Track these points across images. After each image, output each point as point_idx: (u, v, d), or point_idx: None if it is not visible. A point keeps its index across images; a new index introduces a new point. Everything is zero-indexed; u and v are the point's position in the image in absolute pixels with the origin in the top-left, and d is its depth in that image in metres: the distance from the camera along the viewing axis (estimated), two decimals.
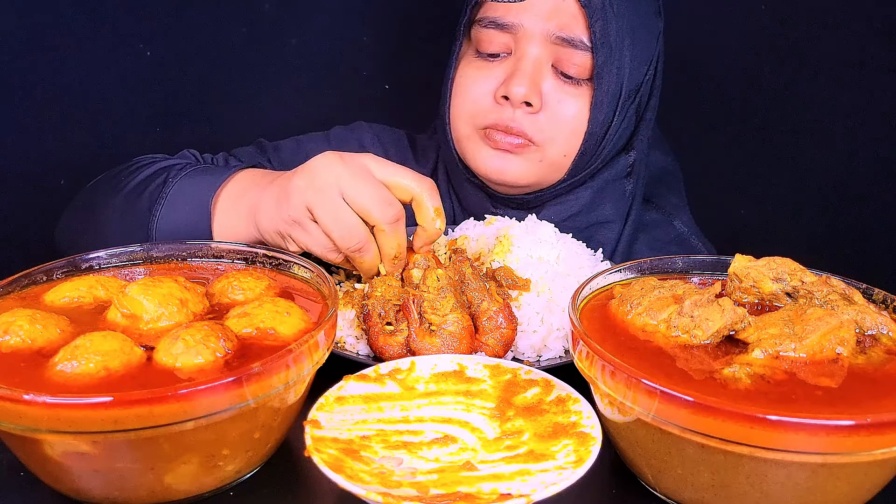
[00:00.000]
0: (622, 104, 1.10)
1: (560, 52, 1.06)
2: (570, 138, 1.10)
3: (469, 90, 1.12)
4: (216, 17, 1.50)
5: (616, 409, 0.65)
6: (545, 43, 1.06)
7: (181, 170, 1.03)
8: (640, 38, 1.09)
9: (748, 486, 0.60)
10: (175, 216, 0.99)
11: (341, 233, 0.87)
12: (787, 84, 1.56)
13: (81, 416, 0.55)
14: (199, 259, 0.86)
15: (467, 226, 1.08)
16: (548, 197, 1.17)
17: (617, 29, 1.05)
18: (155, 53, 1.47)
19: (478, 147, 1.13)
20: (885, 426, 0.55)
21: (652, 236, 1.23)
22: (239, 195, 0.98)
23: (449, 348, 0.84)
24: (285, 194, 0.89)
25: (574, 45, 1.05)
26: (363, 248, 0.88)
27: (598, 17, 1.04)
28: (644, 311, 0.73)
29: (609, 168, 1.17)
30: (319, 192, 0.86)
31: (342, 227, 0.86)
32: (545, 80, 1.08)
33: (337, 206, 0.86)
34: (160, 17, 1.46)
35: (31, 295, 0.76)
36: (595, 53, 1.05)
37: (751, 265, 0.78)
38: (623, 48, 1.07)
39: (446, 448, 0.65)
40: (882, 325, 0.71)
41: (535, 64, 1.07)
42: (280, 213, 0.89)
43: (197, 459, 0.61)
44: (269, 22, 1.52)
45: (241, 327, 0.69)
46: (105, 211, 1.06)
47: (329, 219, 0.86)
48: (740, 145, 1.64)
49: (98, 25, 1.42)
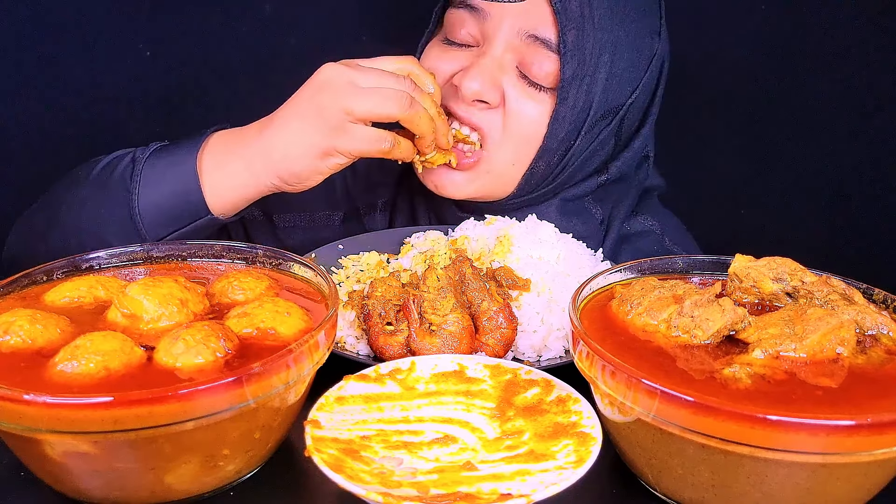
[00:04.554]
0: (591, 123, 1.04)
1: (527, 53, 1.01)
2: (520, 146, 1.05)
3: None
4: (216, 17, 1.50)
5: (616, 409, 0.65)
6: (514, 39, 1.02)
7: (147, 149, 1.00)
8: (623, 56, 1.03)
9: (748, 486, 0.60)
10: (158, 192, 0.96)
11: (394, 94, 0.92)
12: (787, 85, 1.57)
13: (81, 416, 0.55)
14: (199, 259, 0.86)
15: (467, 226, 1.08)
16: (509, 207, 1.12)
17: (594, 42, 1.00)
18: (155, 53, 1.47)
19: None
20: (885, 426, 0.55)
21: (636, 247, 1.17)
22: (224, 152, 0.97)
23: (449, 348, 0.84)
24: (313, 115, 0.92)
25: (545, 44, 1.00)
26: (414, 104, 0.93)
27: (572, 26, 0.99)
28: (644, 311, 0.73)
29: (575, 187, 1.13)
30: (345, 86, 0.91)
31: (394, 88, 0.92)
32: (506, 78, 1.03)
33: (372, 78, 0.91)
34: (160, 17, 1.46)
35: (32, 295, 0.76)
36: (563, 62, 0.99)
37: (751, 265, 0.78)
38: (599, 64, 1.01)
39: (446, 448, 0.65)
40: (882, 325, 0.71)
41: (499, 62, 1.02)
42: (317, 132, 0.92)
43: (197, 459, 0.61)
44: (269, 22, 1.52)
45: (241, 327, 0.69)
46: (71, 207, 1.00)
47: (375, 88, 0.91)
48: (740, 146, 1.64)
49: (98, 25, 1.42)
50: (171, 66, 1.49)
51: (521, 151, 1.06)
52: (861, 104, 1.52)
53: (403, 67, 0.97)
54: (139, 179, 0.96)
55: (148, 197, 0.96)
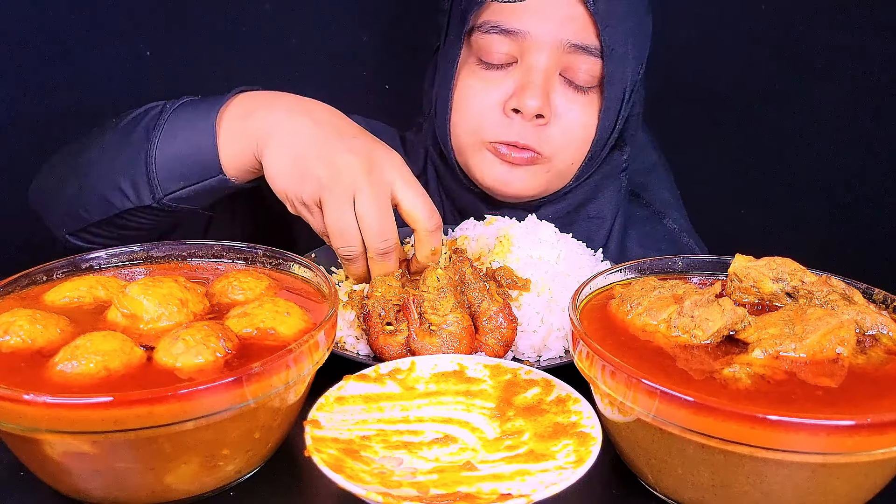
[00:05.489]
0: (625, 106, 1.10)
1: (570, 61, 1.04)
2: (578, 147, 1.10)
3: (473, 102, 1.08)
4: (216, 16, 1.50)
5: (616, 409, 0.65)
6: (555, 51, 1.03)
7: (177, 101, 0.99)
8: (639, 39, 1.08)
9: (748, 486, 0.60)
10: (176, 144, 0.95)
11: (339, 241, 0.88)
12: (787, 85, 1.57)
13: (81, 416, 0.55)
14: (199, 259, 0.86)
15: (467, 226, 1.08)
16: (548, 199, 1.17)
17: (623, 33, 1.04)
18: (155, 53, 1.47)
19: (483, 159, 1.11)
20: (885, 426, 0.55)
21: (643, 232, 1.23)
22: (244, 116, 0.94)
23: (449, 348, 0.84)
24: (302, 172, 0.88)
25: (588, 52, 1.03)
26: (353, 260, 0.90)
27: (608, 24, 1.02)
28: (644, 311, 0.73)
29: (605, 165, 1.17)
30: (334, 194, 0.86)
31: (342, 237, 0.88)
32: (554, 90, 1.06)
33: (346, 217, 0.87)
34: (160, 17, 1.46)
35: (31, 295, 0.76)
36: (605, 60, 1.04)
37: (751, 265, 0.78)
38: (627, 52, 1.06)
39: (446, 448, 0.65)
40: (882, 325, 0.71)
41: (546, 74, 1.04)
42: (291, 186, 0.89)
43: (197, 459, 0.61)
44: (269, 22, 1.52)
45: (241, 327, 0.69)
46: (92, 153, 1.00)
47: (332, 223, 0.87)
48: (740, 146, 1.64)
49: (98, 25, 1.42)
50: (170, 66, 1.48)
51: (579, 152, 1.10)
52: (862, 104, 1.52)
53: (419, 224, 0.91)
54: (161, 130, 0.95)
55: (165, 149, 0.95)
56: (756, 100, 1.60)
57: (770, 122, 1.60)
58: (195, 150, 0.94)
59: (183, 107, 0.97)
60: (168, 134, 0.95)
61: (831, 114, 1.54)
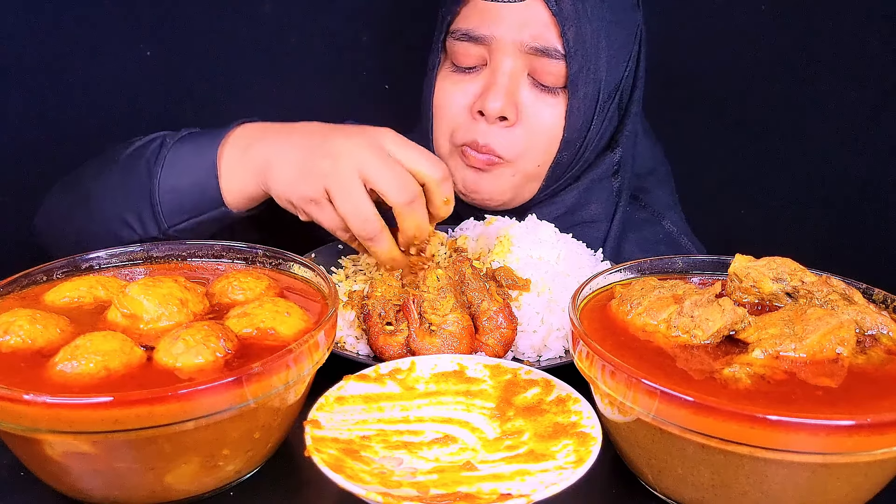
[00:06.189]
0: (601, 106, 1.09)
1: (535, 62, 1.04)
2: (544, 149, 1.08)
3: (446, 106, 1.10)
4: (216, 16, 1.50)
5: (616, 409, 0.65)
6: (519, 53, 1.04)
7: (177, 134, 1.01)
8: (616, 37, 1.07)
9: (748, 486, 0.60)
10: (178, 177, 0.97)
11: (357, 222, 0.88)
12: (787, 85, 1.56)
13: (81, 416, 0.55)
14: (199, 259, 0.86)
15: (467, 226, 1.08)
16: (534, 203, 1.16)
17: (591, 32, 1.03)
18: (155, 53, 1.47)
19: (455, 164, 1.12)
20: (885, 426, 0.55)
21: (641, 235, 1.22)
22: (245, 148, 0.96)
23: (449, 348, 0.84)
24: (305, 172, 0.90)
25: (548, 54, 1.03)
26: (376, 238, 0.90)
27: (571, 24, 1.01)
28: (644, 311, 0.73)
29: (594, 168, 1.16)
30: (340, 178, 0.87)
31: (359, 217, 0.88)
32: (521, 90, 1.06)
33: (356, 196, 0.87)
34: (160, 17, 1.46)
35: (31, 295, 0.76)
36: (569, 61, 1.03)
37: (751, 265, 0.78)
38: (599, 51, 1.05)
39: (446, 448, 0.65)
40: (882, 325, 0.71)
41: (511, 76, 1.05)
42: (297, 188, 0.90)
43: (197, 459, 0.61)
44: (269, 22, 1.52)
45: (241, 327, 0.69)
46: (98, 185, 1.03)
47: (346, 207, 0.88)
48: (739, 145, 1.64)
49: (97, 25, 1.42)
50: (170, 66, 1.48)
51: (545, 154, 1.09)
52: (862, 104, 1.52)
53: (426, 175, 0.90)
54: (163, 164, 0.98)
55: (168, 182, 0.98)
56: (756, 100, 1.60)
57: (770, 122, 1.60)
58: (198, 185, 0.97)
59: (182, 141, 1.00)
60: (171, 167, 0.98)
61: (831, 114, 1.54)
